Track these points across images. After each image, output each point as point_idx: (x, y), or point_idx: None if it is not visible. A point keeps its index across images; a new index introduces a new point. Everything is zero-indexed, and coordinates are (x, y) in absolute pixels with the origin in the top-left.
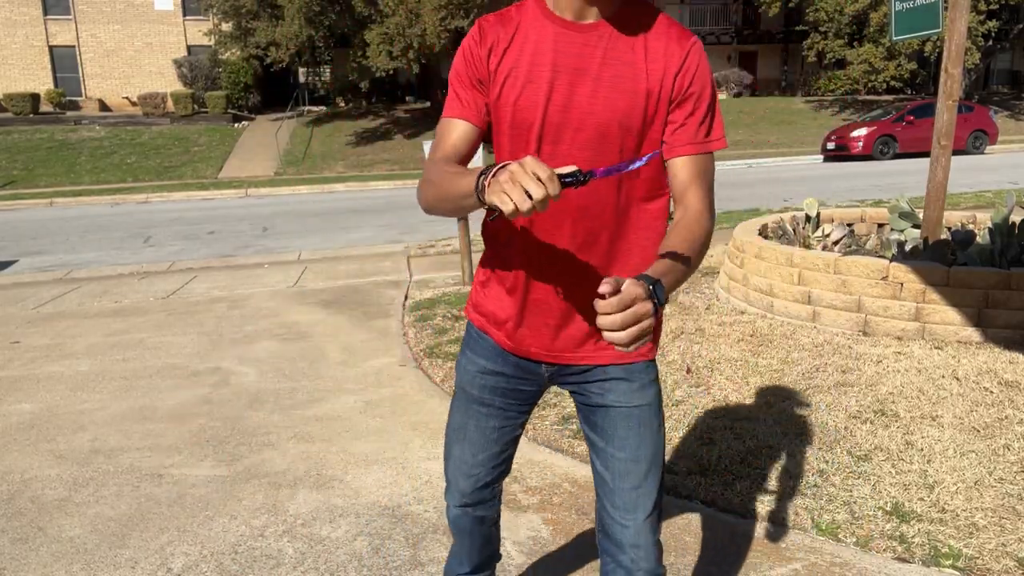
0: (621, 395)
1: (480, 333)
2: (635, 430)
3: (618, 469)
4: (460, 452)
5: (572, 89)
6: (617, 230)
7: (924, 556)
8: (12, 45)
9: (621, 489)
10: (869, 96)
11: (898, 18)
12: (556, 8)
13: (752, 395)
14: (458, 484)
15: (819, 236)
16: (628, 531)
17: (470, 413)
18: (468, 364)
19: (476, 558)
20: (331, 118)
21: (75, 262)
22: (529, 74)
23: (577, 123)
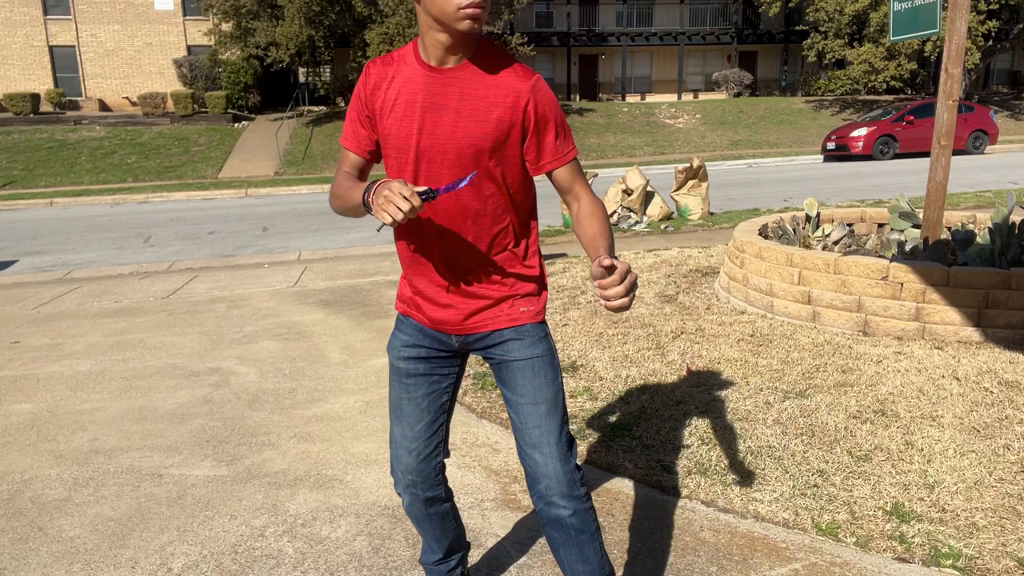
0: (517, 351)
1: (403, 317)
2: (531, 379)
3: (524, 413)
4: (400, 429)
5: (437, 120)
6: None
7: (924, 556)
8: (12, 45)
9: (529, 429)
10: (869, 96)
11: (896, 18)
12: (425, 56)
13: (752, 395)
14: (401, 460)
15: (819, 236)
16: (538, 464)
17: (402, 387)
18: (395, 341)
19: (444, 543)
20: (331, 118)
21: (75, 262)
22: (404, 109)
23: (442, 148)
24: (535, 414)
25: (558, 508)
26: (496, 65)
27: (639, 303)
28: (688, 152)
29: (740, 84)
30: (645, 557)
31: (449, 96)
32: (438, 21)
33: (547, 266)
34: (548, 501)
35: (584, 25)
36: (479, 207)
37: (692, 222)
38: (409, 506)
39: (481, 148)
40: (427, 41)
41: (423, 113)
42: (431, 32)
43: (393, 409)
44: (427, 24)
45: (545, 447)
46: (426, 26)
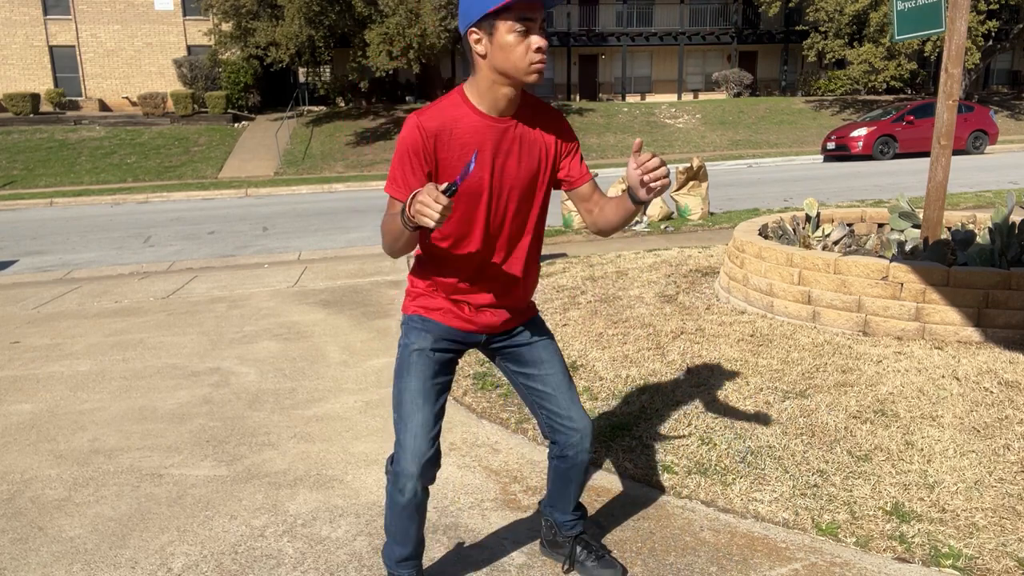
0: (535, 333)
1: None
2: (553, 352)
3: (554, 381)
4: (421, 416)
5: (505, 164)
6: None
7: (924, 556)
8: (12, 45)
9: (560, 394)
10: (869, 96)
11: (900, 18)
12: (483, 107)
13: (752, 395)
14: (419, 448)
15: (819, 236)
16: (575, 421)
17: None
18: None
19: (418, 538)
20: (331, 118)
21: (75, 262)
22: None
23: (510, 186)
24: (563, 381)
25: (585, 454)
26: (537, 109)
27: (639, 303)
28: (688, 152)
29: (740, 84)
30: (645, 557)
31: (512, 141)
32: (506, 75)
33: (547, 266)
34: (580, 450)
35: (584, 25)
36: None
37: (692, 222)
38: (412, 498)
39: (539, 181)
40: (491, 94)
41: (493, 158)
42: (495, 86)
43: (412, 399)
44: (491, 79)
45: (575, 407)
46: (490, 80)
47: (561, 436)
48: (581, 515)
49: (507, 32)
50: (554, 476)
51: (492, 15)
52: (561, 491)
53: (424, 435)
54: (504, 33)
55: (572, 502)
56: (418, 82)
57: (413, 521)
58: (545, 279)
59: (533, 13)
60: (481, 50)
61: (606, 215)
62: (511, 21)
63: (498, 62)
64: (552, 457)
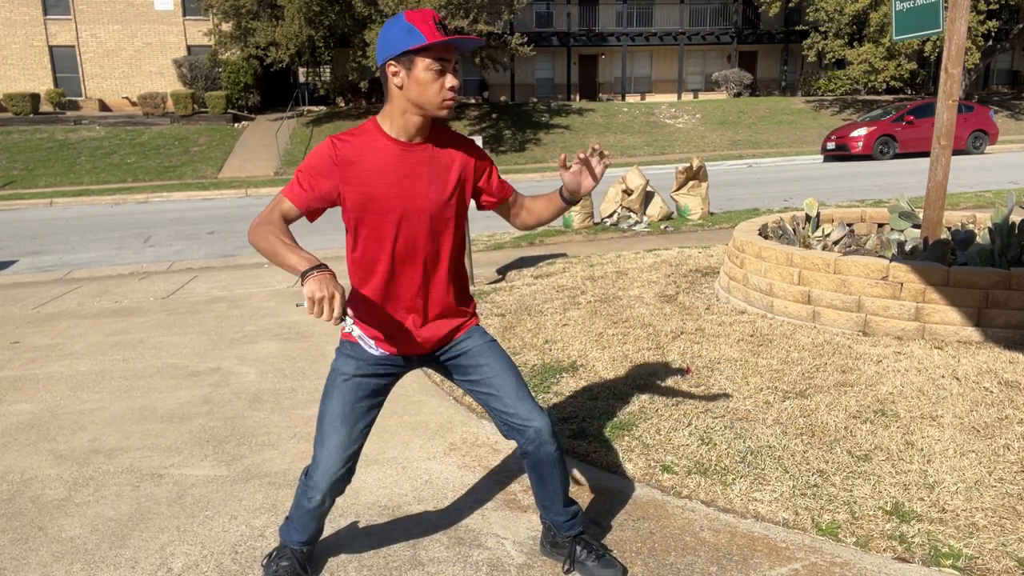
0: (474, 341)
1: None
2: (495, 354)
3: (499, 382)
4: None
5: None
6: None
7: (924, 556)
8: (12, 45)
9: (507, 392)
10: (869, 96)
11: (899, 18)
12: (393, 133)
13: (752, 395)
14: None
15: (819, 236)
16: (524, 417)
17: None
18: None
19: (316, 531)
20: (331, 118)
21: (75, 262)
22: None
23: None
24: (508, 380)
25: (548, 447)
26: (449, 136)
27: (639, 303)
28: (688, 152)
29: (740, 84)
30: (645, 557)
31: (420, 164)
32: (420, 107)
33: (547, 266)
34: (539, 443)
35: (584, 25)
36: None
37: (692, 222)
38: (318, 507)
39: (452, 201)
40: (403, 120)
41: (401, 180)
42: (407, 115)
43: (331, 420)
44: (404, 108)
45: (525, 402)
46: (403, 110)
47: (516, 434)
48: (576, 513)
49: (424, 70)
50: (529, 475)
51: (412, 52)
52: (541, 489)
53: (337, 456)
54: (421, 70)
55: (559, 500)
56: None
57: (315, 522)
58: (545, 279)
59: (448, 55)
60: (398, 82)
61: (537, 213)
62: (429, 60)
63: (413, 95)
64: (520, 457)
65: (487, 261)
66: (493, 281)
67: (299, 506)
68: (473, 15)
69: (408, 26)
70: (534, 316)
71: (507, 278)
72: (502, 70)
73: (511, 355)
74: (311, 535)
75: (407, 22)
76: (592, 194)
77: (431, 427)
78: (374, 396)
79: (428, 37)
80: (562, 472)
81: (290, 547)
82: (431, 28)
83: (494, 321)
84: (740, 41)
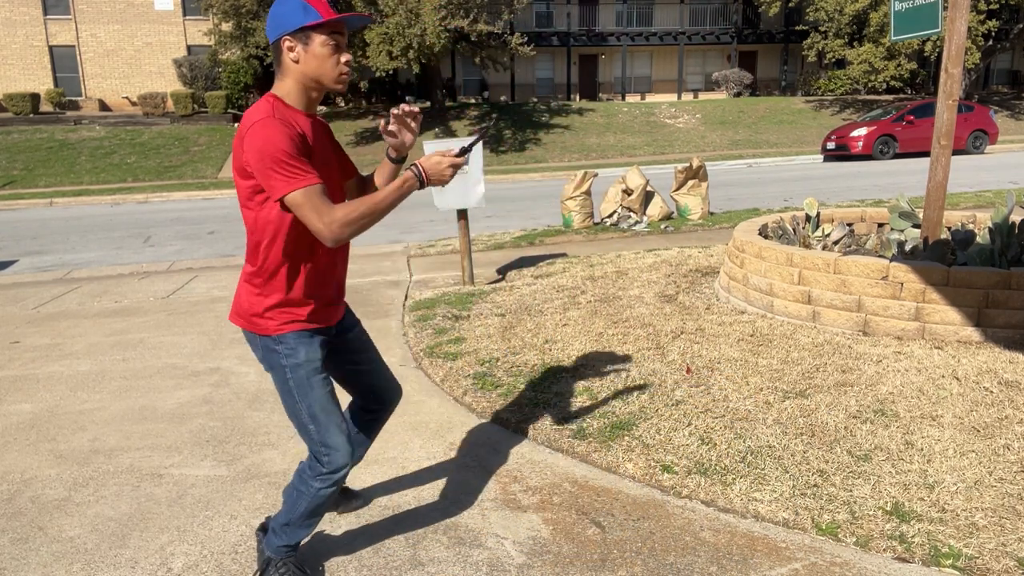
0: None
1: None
2: (368, 339)
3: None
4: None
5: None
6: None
7: (924, 556)
8: (12, 45)
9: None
10: (869, 96)
11: (897, 18)
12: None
13: (752, 395)
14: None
15: (819, 236)
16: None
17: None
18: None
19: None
20: (331, 118)
21: (75, 262)
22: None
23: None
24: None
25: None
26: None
27: (639, 303)
28: (688, 152)
29: (740, 84)
30: (645, 557)
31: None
32: (318, 81)
33: (547, 266)
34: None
35: (584, 25)
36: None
37: (692, 222)
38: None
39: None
40: (304, 96)
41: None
42: (307, 90)
43: (324, 406)
44: (303, 84)
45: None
46: (302, 85)
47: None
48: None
49: (321, 45)
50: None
51: (308, 28)
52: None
53: (345, 432)
54: (318, 45)
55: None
56: (418, 82)
57: (317, 516)
58: (545, 279)
59: (342, 31)
60: (294, 57)
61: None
62: (324, 36)
63: (311, 70)
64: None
65: (487, 261)
66: (493, 281)
67: (319, 499)
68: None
69: (303, 3)
70: (534, 316)
71: (507, 278)
72: (502, 70)
73: (511, 355)
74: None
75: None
76: (592, 194)
77: (431, 427)
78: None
79: (324, 14)
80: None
81: (281, 559)
82: (324, 5)
83: (494, 321)
84: (740, 41)
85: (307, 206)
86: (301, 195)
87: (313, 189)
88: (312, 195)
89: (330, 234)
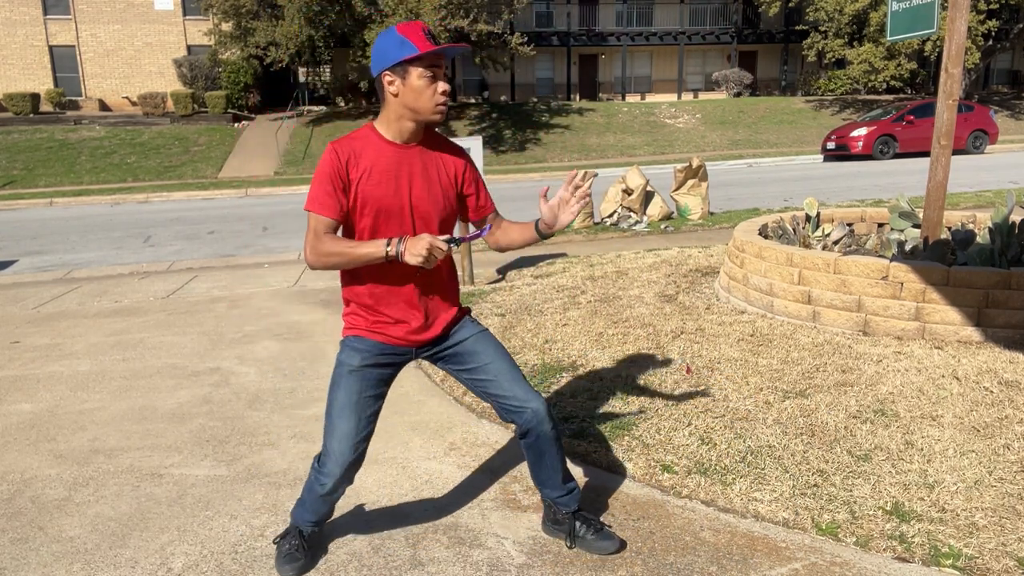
0: (470, 331)
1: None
2: (488, 343)
3: (495, 369)
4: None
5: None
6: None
7: (924, 556)
8: (12, 45)
9: (503, 378)
10: (869, 96)
11: (894, 18)
12: (390, 136)
13: (752, 395)
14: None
15: (819, 236)
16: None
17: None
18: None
19: (327, 514)
20: (331, 118)
21: (75, 262)
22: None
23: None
24: (503, 367)
25: (545, 425)
26: (442, 142)
27: (639, 303)
28: (688, 152)
29: (740, 84)
30: (645, 557)
31: (414, 164)
32: (415, 112)
33: (547, 266)
34: (537, 422)
35: (584, 25)
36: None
37: (692, 222)
38: (330, 493)
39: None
40: (398, 125)
41: (401, 178)
42: (402, 120)
43: (339, 411)
44: (400, 113)
45: (521, 385)
46: (398, 115)
47: (515, 416)
48: (573, 490)
49: (418, 78)
50: (527, 454)
51: (405, 62)
52: (539, 467)
53: (348, 443)
54: (415, 78)
55: (557, 476)
56: None
57: (326, 505)
58: (545, 279)
59: (439, 62)
60: (394, 90)
61: (510, 237)
62: (421, 68)
63: (408, 101)
64: (519, 438)
65: (487, 261)
66: (493, 281)
67: (312, 492)
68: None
69: (400, 38)
70: (534, 316)
71: (507, 278)
72: (502, 70)
73: (512, 355)
74: (321, 516)
75: (399, 34)
76: (592, 194)
77: (431, 427)
78: (378, 386)
79: (420, 47)
80: (559, 450)
81: (300, 527)
82: (422, 39)
83: (494, 321)
84: (740, 41)
85: (308, 227)
86: (309, 215)
87: (316, 218)
88: (312, 219)
89: (307, 258)
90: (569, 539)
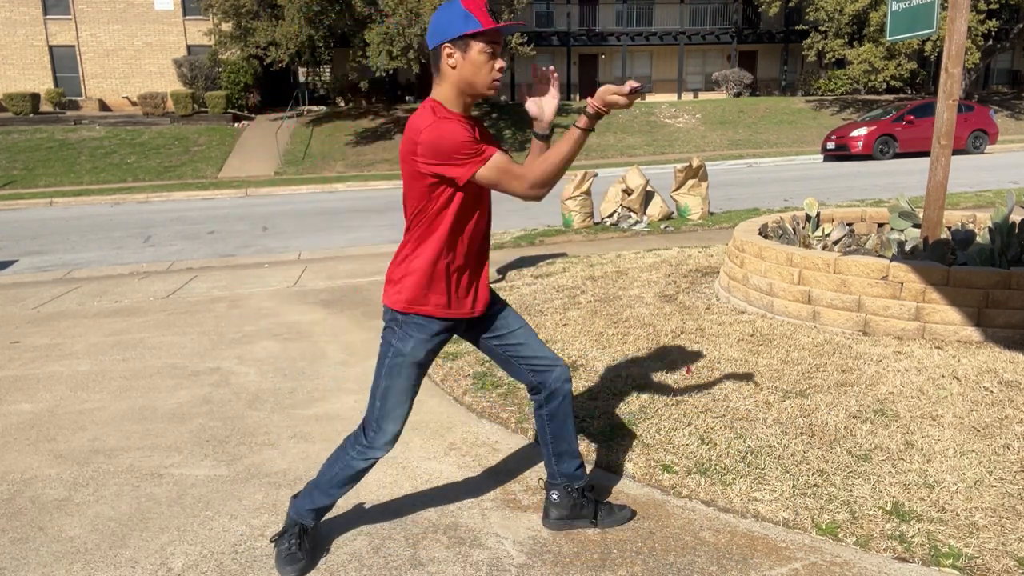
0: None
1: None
2: (514, 313)
3: (524, 335)
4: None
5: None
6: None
7: (924, 556)
8: (12, 45)
9: (532, 343)
10: (869, 96)
11: (894, 18)
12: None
13: (752, 395)
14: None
15: (819, 236)
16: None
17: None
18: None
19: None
20: (331, 118)
21: (75, 262)
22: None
23: None
24: (531, 333)
25: (569, 384)
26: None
27: (639, 303)
28: (688, 152)
29: (740, 84)
30: (645, 557)
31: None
32: (473, 86)
33: (547, 266)
34: (565, 380)
35: (584, 25)
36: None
37: (692, 222)
38: (370, 467)
39: None
40: (460, 101)
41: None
42: (463, 95)
43: (398, 396)
44: (459, 89)
45: (546, 348)
46: (458, 90)
47: (545, 375)
48: (582, 464)
49: (479, 52)
50: (550, 426)
51: (468, 36)
52: (562, 432)
53: (402, 421)
54: (476, 53)
55: (576, 442)
56: (418, 82)
57: (351, 485)
58: (545, 279)
59: (499, 39)
60: (452, 63)
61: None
62: (483, 44)
63: (467, 75)
64: (541, 407)
65: None
66: (493, 281)
67: (349, 470)
68: None
69: (464, 11)
70: (534, 316)
71: (507, 278)
72: None
73: None
74: (331, 502)
75: (463, 8)
76: (592, 194)
77: (431, 427)
78: (431, 361)
79: (484, 23)
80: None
81: (301, 522)
82: (485, 14)
83: None
84: (740, 41)
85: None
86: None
87: (487, 166)
88: (487, 171)
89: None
90: (592, 520)
